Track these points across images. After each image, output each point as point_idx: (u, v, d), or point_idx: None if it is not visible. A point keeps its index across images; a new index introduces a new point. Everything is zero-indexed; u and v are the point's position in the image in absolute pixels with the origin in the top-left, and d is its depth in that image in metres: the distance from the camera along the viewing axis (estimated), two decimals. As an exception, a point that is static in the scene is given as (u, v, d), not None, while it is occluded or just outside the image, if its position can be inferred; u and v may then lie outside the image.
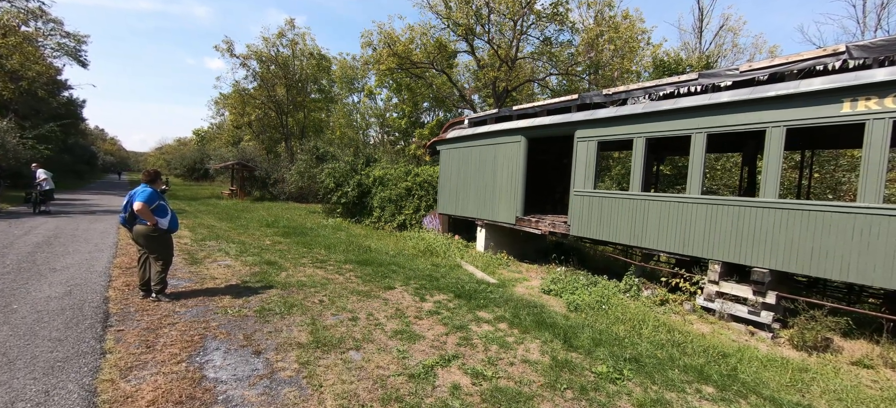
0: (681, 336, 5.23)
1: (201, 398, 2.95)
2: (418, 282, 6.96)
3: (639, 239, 7.37)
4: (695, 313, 6.46)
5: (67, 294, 5.01)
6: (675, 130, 6.83)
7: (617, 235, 7.75)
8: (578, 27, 23.43)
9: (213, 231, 10.83)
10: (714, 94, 6.41)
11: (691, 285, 6.77)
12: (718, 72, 6.54)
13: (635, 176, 7.46)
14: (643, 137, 7.29)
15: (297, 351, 3.86)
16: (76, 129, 41.46)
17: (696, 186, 6.56)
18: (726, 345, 5.16)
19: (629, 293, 7.24)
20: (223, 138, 41.92)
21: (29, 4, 24.12)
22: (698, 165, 6.54)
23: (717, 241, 6.29)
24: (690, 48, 28.67)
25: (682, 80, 6.99)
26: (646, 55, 26.64)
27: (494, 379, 3.66)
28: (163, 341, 3.87)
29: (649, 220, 7.20)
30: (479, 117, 11.88)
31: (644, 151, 7.29)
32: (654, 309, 6.50)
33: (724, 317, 6.12)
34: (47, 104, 30.39)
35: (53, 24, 27.64)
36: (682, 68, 19.11)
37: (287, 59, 29.23)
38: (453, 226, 12.99)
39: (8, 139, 17.07)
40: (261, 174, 25.61)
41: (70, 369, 3.22)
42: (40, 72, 24.91)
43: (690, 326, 5.93)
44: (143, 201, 4.84)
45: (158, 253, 5.04)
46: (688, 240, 6.66)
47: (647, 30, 22.87)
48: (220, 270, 6.72)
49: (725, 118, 6.22)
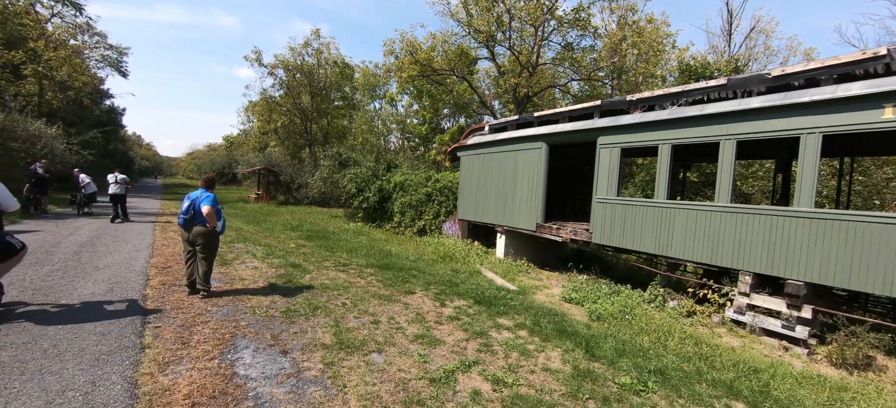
0: (709, 349, 5.06)
1: (233, 394, 3.09)
2: (438, 287, 7.01)
3: (664, 248, 7.19)
4: (724, 325, 6.23)
5: (109, 291, 5.32)
6: (702, 136, 6.66)
7: (641, 243, 7.58)
8: (601, 32, 23.15)
9: (241, 234, 11.24)
10: (744, 100, 6.22)
11: (720, 297, 6.54)
12: (749, 77, 6.35)
13: (661, 183, 7.30)
14: (669, 144, 7.13)
15: (321, 352, 3.97)
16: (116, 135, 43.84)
17: (725, 194, 6.36)
18: (758, 360, 4.96)
19: (654, 304, 7.06)
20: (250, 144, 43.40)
21: (77, 19, 25.82)
22: (728, 172, 6.34)
23: (747, 251, 6.07)
24: (719, 51, 27.79)
25: (711, 86, 6.81)
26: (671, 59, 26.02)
27: (515, 386, 3.65)
28: (196, 337, 4.06)
29: (675, 228, 7.02)
30: (499, 124, 11.90)
31: (670, 158, 7.13)
32: (680, 320, 6.32)
33: (755, 330, 5.89)
34: (91, 112, 32.32)
35: (98, 37, 29.47)
36: (709, 72, 18.54)
37: (312, 68, 30.10)
38: (473, 232, 13.00)
39: (56, 145, 18.27)
40: (285, 179, 26.37)
41: (113, 361, 3.43)
42: (86, 82, 26.57)
43: (719, 339, 5.73)
44: (211, 205, 5.15)
45: (208, 253, 5.35)
46: (716, 250, 6.45)
47: (672, 33, 22.38)
48: (248, 272, 6.98)
49: (757, 125, 6.02)
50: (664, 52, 25.19)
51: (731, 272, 6.39)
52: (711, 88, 6.79)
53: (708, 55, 23.45)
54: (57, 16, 25.25)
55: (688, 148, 9.78)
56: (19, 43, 21.69)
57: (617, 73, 22.97)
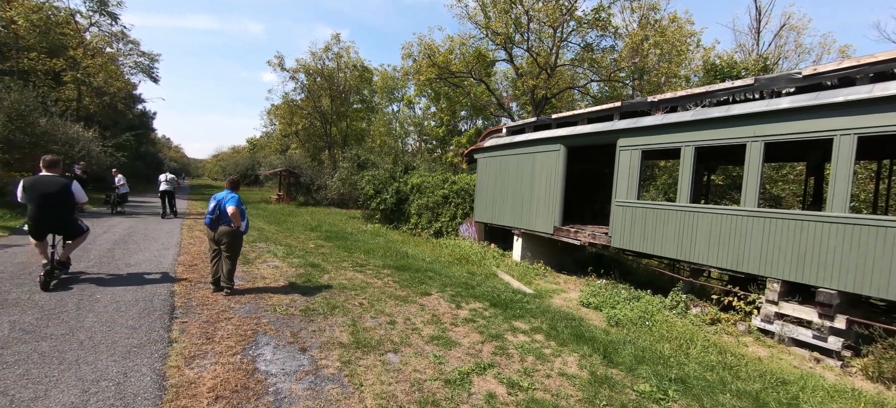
0: (734, 359, 4.89)
1: (254, 389, 3.19)
2: (454, 289, 7.03)
3: (687, 253, 6.99)
4: (750, 334, 6.01)
5: (140, 287, 5.57)
6: (727, 138, 6.45)
7: (662, 248, 7.39)
8: (622, 32, 22.72)
9: (263, 234, 11.55)
10: (772, 101, 6.00)
11: (746, 305, 6.31)
12: (777, 76, 6.12)
13: (683, 187, 7.11)
14: (692, 146, 6.94)
15: (339, 350, 4.05)
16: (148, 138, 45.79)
17: (751, 198, 6.14)
18: (786, 371, 4.76)
19: (676, 310, 6.87)
20: (272, 146, 44.59)
21: (113, 28, 27.16)
22: (754, 176, 6.12)
23: (776, 257, 5.84)
24: (747, 50, 26.83)
25: (737, 86, 6.60)
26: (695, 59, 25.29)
27: (530, 390, 3.63)
28: (220, 333, 4.21)
29: (698, 233, 6.81)
30: (517, 125, 11.84)
31: (693, 160, 6.94)
32: (703, 328, 6.12)
33: (784, 340, 5.65)
34: (124, 116, 33.92)
35: (132, 44, 30.94)
36: (736, 72, 17.92)
37: (332, 72, 30.69)
38: (489, 234, 12.96)
39: (93, 147, 19.26)
40: (305, 180, 26.94)
41: (143, 354, 3.59)
42: (120, 87, 27.88)
43: (745, 348, 5.52)
44: (236, 206, 5.35)
45: (233, 251, 5.54)
46: (742, 256, 6.22)
47: (696, 32, 21.75)
48: (269, 271, 7.17)
49: (786, 126, 5.79)
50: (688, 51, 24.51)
51: (758, 279, 6.15)
52: (737, 89, 6.57)
53: (735, 54, 22.69)
54: (94, 25, 26.64)
55: (712, 150, 9.49)
56: (60, 51, 22.98)
57: (638, 74, 22.48)
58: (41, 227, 5.38)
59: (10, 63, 21.45)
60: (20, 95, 15.27)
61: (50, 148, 16.21)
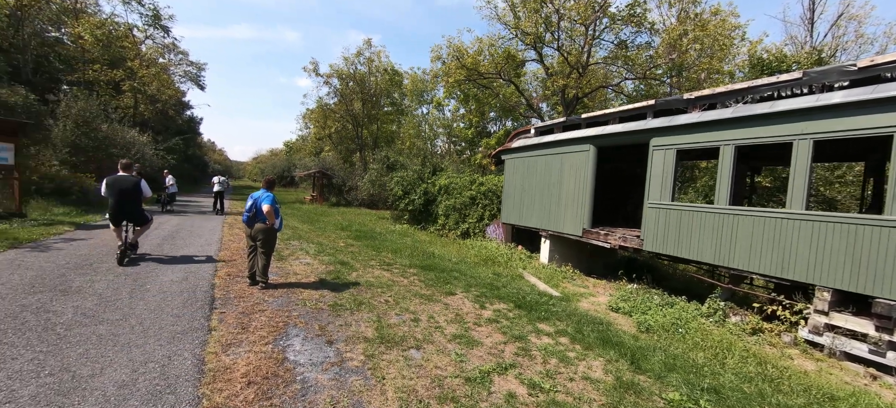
0: (776, 371, 4.59)
1: (283, 377, 3.36)
2: (479, 290, 7.03)
3: (725, 258, 6.62)
4: (796, 346, 5.60)
5: (184, 279, 5.99)
6: (772, 136, 6.06)
7: (698, 252, 7.04)
8: (658, 27, 21.81)
9: (296, 232, 12.05)
10: (823, 95, 5.58)
11: (792, 314, 5.89)
12: (829, 69, 5.68)
13: (722, 188, 6.74)
14: (732, 145, 6.57)
15: (363, 344, 4.18)
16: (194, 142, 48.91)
17: (798, 200, 5.74)
18: (836, 387, 4.40)
19: (713, 318, 6.52)
20: (307, 149, 46.32)
21: (165, 40, 29.25)
22: (802, 176, 5.71)
23: (826, 264, 5.42)
24: (798, 42, 24.97)
25: (783, 81, 6.19)
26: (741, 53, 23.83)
27: (552, 392, 3.58)
28: (254, 324, 4.46)
29: (738, 237, 6.44)
30: (545, 126, 11.67)
31: (733, 160, 6.57)
32: (743, 338, 5.78)
33: (835, 354, 5.23)
34: (174, 121, 36.44)
35: (181, 55, 33.21)
36: (786, 66, 16.71)
37: (364, 76, 31.51)
38: (516, 236, 12.83)
39: (147, 151, 20.87)
40: (337, 182, 27.80)
41: (186, 340, 3.87)
42: (171, 95, 30.00)
43: (789, 361, 5.16)
44: (270, 204, 5.67)
45: (267, 248, 5.85)
46: (787, 262, 5.82)
47: (740, 24, 20.47)
48: (301, 267, 7.48)
49: (838, 122, 5.37)
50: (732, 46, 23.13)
51: (805, 287, 5.73)
52: (784, 83, 6.16)
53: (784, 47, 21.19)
54: (149, 38, 28.81)
55: (756, 150, 8.94)
56: (120, 63, 25.05)
57: (676, 71, 21.47)
58: (118, 216, 6.70)
59: (78, 74, 23.64)
60: (86, 104, 16.81)
61: (110, 151, 17.73)
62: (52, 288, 5.10)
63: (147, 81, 26.40)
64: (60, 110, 16.13)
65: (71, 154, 15.38)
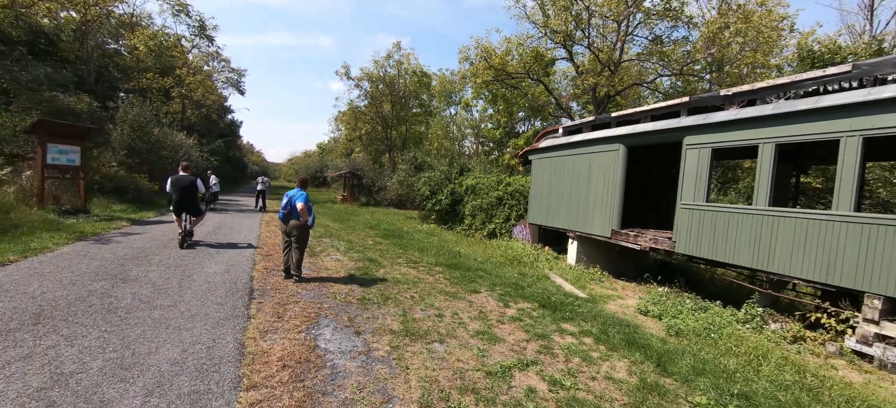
0: (816, 380, 4.36)
1: (314, 362, 3.59)
2: (503, 289, 7.08)
3: (763, 262, 6.31)
4: (842, 356, 5.27)
5: (226, 271, 6.44)
6: (816, 134, 5.73)
7: (735, 255, 6.74)
8: (697, 21, 20.83)
9: (328, 230, 12.53)
10: (874, 89, 5.22)
11: (838, 322, 5.53)
12: (881, 61, 5.31)
13: (761, 188, 6.43)
14: (772, 143, 6.25)
15: (389, 336, 4.36)
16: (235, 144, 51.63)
17: (846, 201, 5.39)
18: (883, 400, 4.12)
19: (750, 325, 6.22)
20: (339, 151, 47.77)
21: (210, 49, 31.13)
22: (850, 175, 5.37)
23: (878, 270, 5.06)
24: (856, 32, 23.09)
25: (829, 74, 5.83)
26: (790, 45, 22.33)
27: (573, 389, 3.61)
28: (289, 313, 4.75)
29: (779, 240, 6.12)
30: (573, 125, 11.50)
31: (773, 159, 6.25)
32: (782, 346, 5.49)
33: (886, 366, 4.88)
34: (217, 125, 38.68)
35: (224, 62, 35.22)
36: (840, 58, 15.52)
37: (393, 79, 32.17)
38: (543, 237, 12.71)
39: (192, 152, 22.34)
40: (367, 182, 28.52)
41: (228, 326, 4.21)
42: (214, 100, 31.89)
43: (833, 371, 4.87)
44: (304, 202, 6.04)
45: (301, 243, 6.20)
46: (833, 266, 5.48)
47: (788, 15, 19.19)
48: (332, 263, 7.82)
49: (891, 118, 5.01)
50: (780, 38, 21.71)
51: (854, 294, 5.37)
52: (830, 77, 5.80)
53: (839, 38, 19.66)
54: (195, 47, 30.77)
55: (802, 149, 8.43)
56: (169, 71, 26.92)
57: (716, 66, 20.43)
58: (179, 208, 8.15)
59: (133, 82, 25.63)
60: (140, 110, 18.23)
61: (161, 153, 19.12)
62: (113, 276, 5.65)
63: (193, 88, 28.23)
64: (118, 116, 17.59)
65: (127, 156, 16.75)
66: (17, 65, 15.25)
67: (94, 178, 13.39)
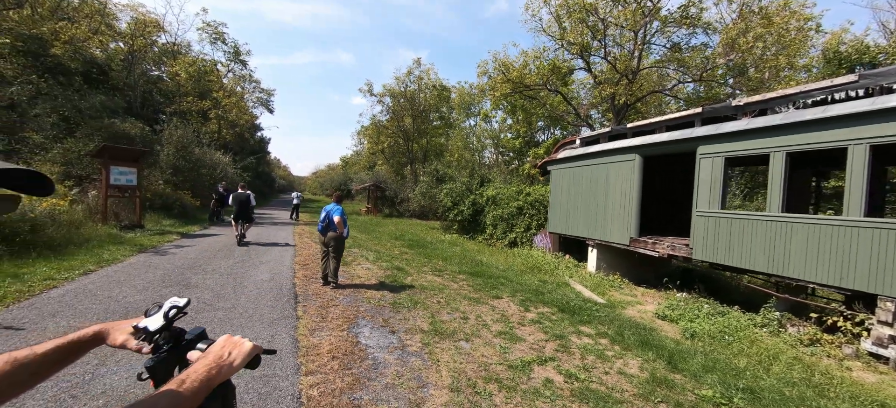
0: (823, 378, 4.57)
1: (358, 354, 4.15)
2: (524, 295, 7.49)
3: (779, 267, 6.48)
4: (858, 358, 5.40)
5: (271, 279, 7.15)
6: (824, 142, 5.94)
7: (751, 261, 6.93)
8: (717, 26, 20.74)
9: (356, 241, 13.25)
10: (879, 98, 5.42)
11: (854, 325, 5.66)
12: (886, 70, 5.51)
13: (773, 195, 6.64)
14: (783, 152, 6.47)
15: (420, 335, 4.88)
16: (264, 160, 54.05)
17: (856, 206, 5.57)
18: (891, 397, 4.30)
19: (768, 328, 6.39)
20: (362, 164, 49.23)
21: (242, 72, 33.10)
22: (859, 181, 5.55)
23: (890, 273, 5.21)
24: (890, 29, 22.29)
25: (836, 84, 6.04)
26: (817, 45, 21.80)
27: (586, 382, 4.01)
28: (331, 314, 5.36)
29: (793, 245, 6.29)
30: (590, 137, 11.84)
31: (784, 167, 6.46)
32: (797, 348, 5.66)
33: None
34: (248, 142, 40.78)
35: (254, 83, 37.28)
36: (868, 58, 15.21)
37: (414, 93, 33.21)
38: (564, 245, 12.99)
39: (228, 169, 23.83)
40: (390, 194, 29.39)
41: (281, 325, 4.84)
42: (247, 120, 33.75)
43: (847, 372, 5.03)
44: (341, 216, 6.71)
45: (338, 252, 6.86)
46: (847, 270, 5.64)
47: (813, 16, 18.86)
48: (364, 271, 8.45)
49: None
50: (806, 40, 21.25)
51: (868, 297, 5.51)
52: (837, 87, 6.02)
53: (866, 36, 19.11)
54: (230, 71, 32.80)
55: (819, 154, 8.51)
56: (207, 94, 28.84)
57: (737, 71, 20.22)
58: (238, 217, 10.74)
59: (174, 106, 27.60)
60: (183, 132, 19.72)
61: (201, 171, 20.55)
62: (177, 283, 6.44)
63: (228, 109, 30.09)
64: (164, 138, 19.12)
65: (172, 175, 18.15)
66: (76, 94, 16.95)
67: (147, 195, 14.67)
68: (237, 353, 0.91)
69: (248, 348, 0.94)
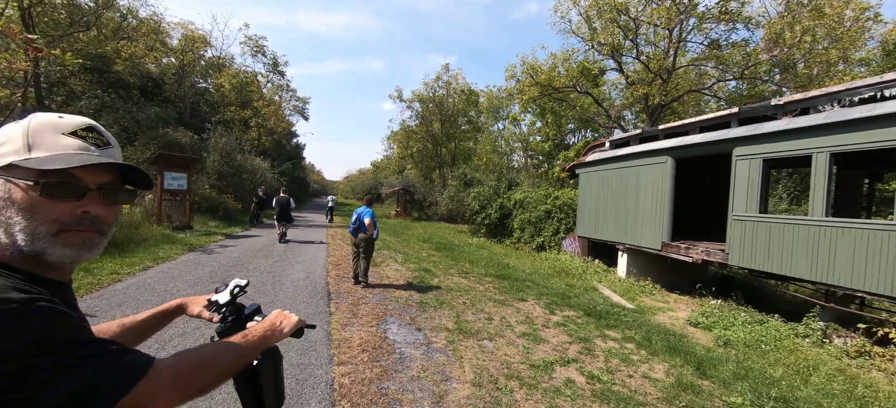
0: (868, 391, 4.33)
1: (386, 349, 4.40)
2: (550, 298, 7.50)
3: (823, 274, 6.14)
4: (913, 373, 5.04)
5: (306, 278, 7.59)
6: (871, 142, 5.60)
7: (792, 267, 6.60)
8: (760, 20, 19.66)
9: (385, 243, 13.65)
10: (935, 96, 5.07)
11: (909, 338, 5.28)
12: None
13: (816, 198, 6.31)
14: (826, 153, 6.15)
15: (445, 333, 5.07)
16: (300, 165, 56.35)
17: (909, 210, 5.21)
18: (948, 414, 4.01)
19: (810, 338, 6.07)
20: (391, 168, 50.29)
21: (280, 82, 34.83)
22: (913, 184, 5.20)
23: (949, 282, 4.84)
24: (964, 17, 20.18)
25: (886, 80, 5.69)
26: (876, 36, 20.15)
27: (609, 384, 4.04)
28: (361, 311, 5.66)
29: (839, 251, 5.96)
30: (620, 139, 11.62)
31: (827, 168, 6.14)
32: (842, 360, 5.36)
33: (962, 384, 4.63)
34: (285, 149, 42.72)
35: (291, 92, 39.10)
36: (936, 50, 13.87)
37: (442, 98, 33.64)
38: (593, 250, 12.77)
39: (267, 175, 25.17)
40: (419, 198, 29.87)
41: (316, 319, 5.18)
42: (284, 127, 35.41)
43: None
44: (371, 218, 7.07)
45: (368, 253, 7.20)
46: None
47: (869, 5, 17.51)
48: (392, 272, 8.75)
49: (956, 124, 4.84)
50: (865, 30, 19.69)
51: (925, 308, 5.13)
52: (887, 83, 5.67)
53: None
54: (269, 82, 34.61)
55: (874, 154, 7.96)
56: (248, 104, 30.59)
57: (782, 67, 19.06)
58: (280, 218, 12.02)
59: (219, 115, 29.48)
60: (227, 139, 21.06)
61: (242, 177, 21.83)
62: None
63: (267, 117, 31.76)
64: (211, 145, 20.52)
65: (217, 179, 19.45)
66: (135, 106, 18.57)
67: (195, 199, 15.82)
68: (286, 323, 1.15)
69: (295, 320, 1.17)
